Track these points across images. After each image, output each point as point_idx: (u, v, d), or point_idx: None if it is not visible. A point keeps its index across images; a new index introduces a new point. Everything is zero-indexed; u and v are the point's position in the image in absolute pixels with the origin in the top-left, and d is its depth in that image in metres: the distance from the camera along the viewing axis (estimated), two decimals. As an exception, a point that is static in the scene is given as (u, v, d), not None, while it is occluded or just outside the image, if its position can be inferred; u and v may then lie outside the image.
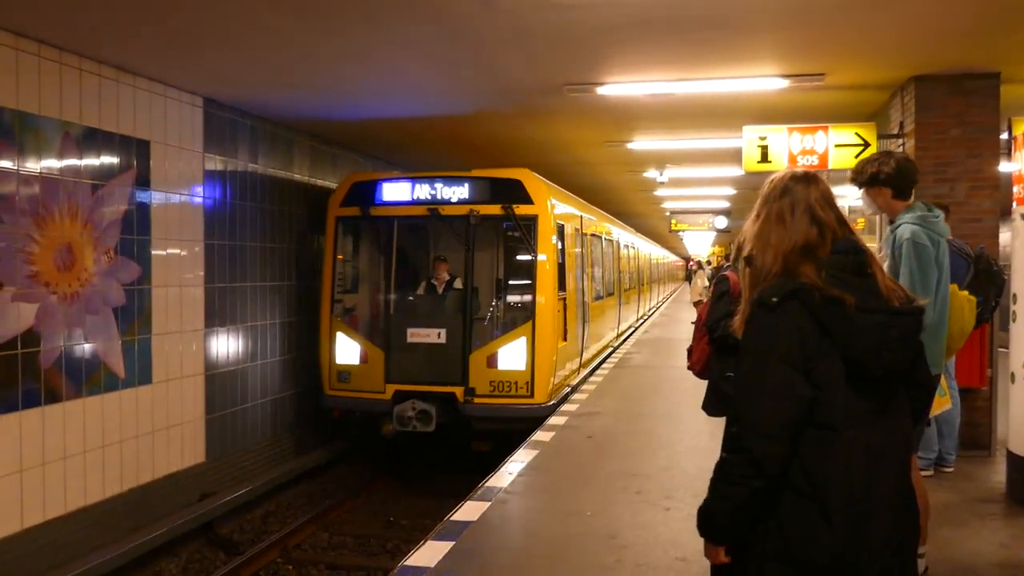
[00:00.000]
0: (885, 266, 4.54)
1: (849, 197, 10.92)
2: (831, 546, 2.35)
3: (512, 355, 10.25)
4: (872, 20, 6.61)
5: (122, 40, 7.08)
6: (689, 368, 5.14)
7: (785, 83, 8.39)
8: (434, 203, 10.56)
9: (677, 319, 25.58)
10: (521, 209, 10.35)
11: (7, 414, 6.61)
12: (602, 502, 6.31)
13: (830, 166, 8.86)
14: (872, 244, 9.69)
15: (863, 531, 2.37)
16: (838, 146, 8.71)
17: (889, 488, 2.43)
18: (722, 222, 22.47)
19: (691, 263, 23.57)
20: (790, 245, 2.49)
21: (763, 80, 8.39)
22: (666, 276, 46.20)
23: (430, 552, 5.25)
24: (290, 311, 11.34)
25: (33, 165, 6.88)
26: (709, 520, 2.51)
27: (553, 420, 9.39)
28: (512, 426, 9.88)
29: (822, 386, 2.38)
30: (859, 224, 10.64)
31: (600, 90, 8.71)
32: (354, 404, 10.79)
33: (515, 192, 10.36)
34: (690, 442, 8.37)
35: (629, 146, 12.58)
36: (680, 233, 28.86)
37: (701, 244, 39.78)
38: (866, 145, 8.62)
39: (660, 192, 19.47)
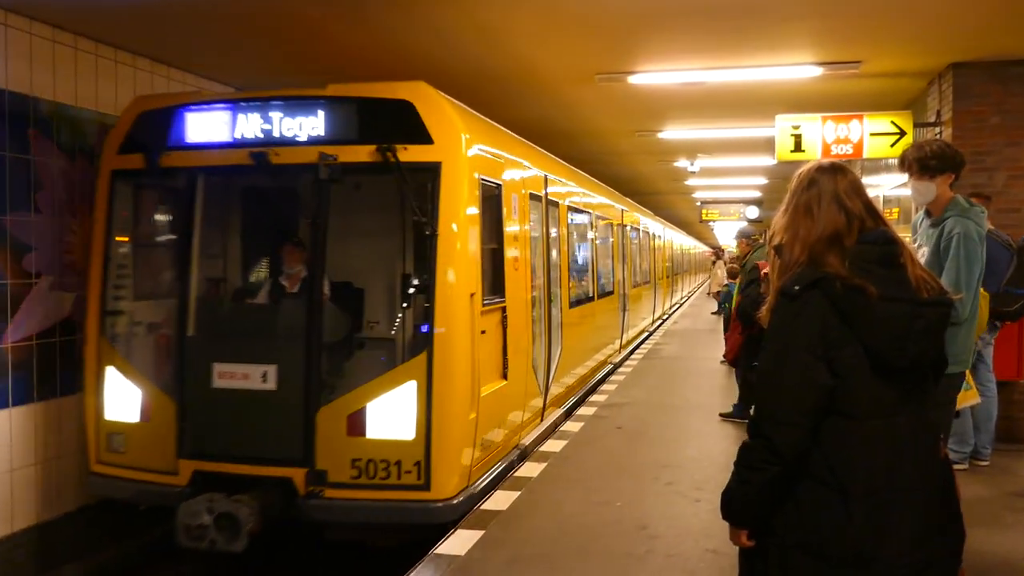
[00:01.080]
0: (923, 256, 4.48)
1: (885, 187, 10.79)
2: (852, 535, 2.35)
3: (392, 413, 5.84)
4: (910, 6, 6.50)
5: None
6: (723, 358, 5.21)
7: (820, 71, 8.28)
8: (266, 144, 6.16)
9: (707, 309, 25.44)
10: (412, 153, 5.95)
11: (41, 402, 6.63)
12: (632, 492, 6.30)
13: (865, 155, 8.74)
14: (905, 234, 9.56)
15: (885, 521, 2.35)
16: (873, 135, 8.59)
17: (915, 479, 2.41)
18: (753, 212, 22.25)
19: (723, 254, 23.11)
20: (816, 235, 2.50)
21: (798, 68, 8.28)
22: (696, 267, 45.79)
23: (459, 541, 5.28)
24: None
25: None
26: (730, 504, 2.56)
27: (582, 411, 9.34)
28: (391, 537, 6.09)
29: (844, 375, 2.38)
30: (893, 214, 10.49)
31: (632, 79, 8.65)
32: (130, 490, 6.40)
33: (404, 123, 6.02)
34: (721, 432, 8.33)
35: (660, 135, 12.50)
36: (711, 223, 28.63)
37: (731, 235, 39.48)
38: (902, 134, 8.49)
39: (691, 182, 19.34)
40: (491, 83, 9.09)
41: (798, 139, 8.74)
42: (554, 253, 9.23)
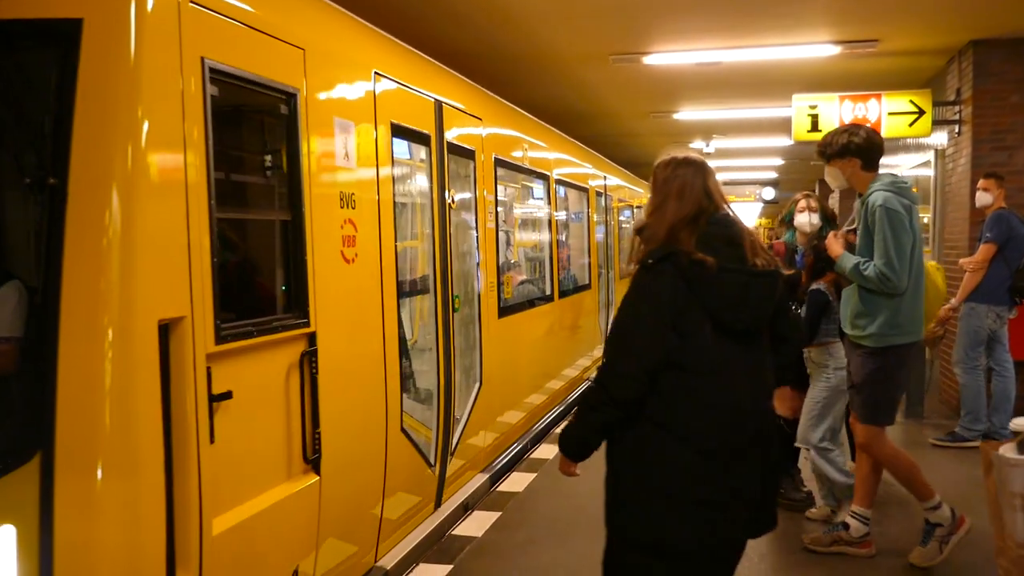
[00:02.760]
0: (858, 234, 4.52)
1: (903, 167, 10.70)
2: (683, 475, 2.70)
3: None
4: (929, -17, 6.41)
5: None
6: None
7: (837, 50, 8.18)
8: None
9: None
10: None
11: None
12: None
13: (883, 135, 8.66)
14: (926, 213, 9.48)
15: (712, 463, 2.71)
16: (892, 114, 8.50)
17: (743, 428, 2.76)
18: (769, 193, 22.07)
19: None
20: (679, 217, 2.83)
21: (814, 47, 8.19)
22: None
23: (477, 522, 5.31)
24: None
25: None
26: (568, 441, 2.92)
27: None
28: None
29: (687, 335, 2.71)
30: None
31: (646, 59, 8.58)
32: None
33: None
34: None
35: (675, 116, 12.41)
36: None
37: (748, 216, 39.34)
38: (921, 113, 8.41)
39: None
40: (505, 63, 9.03)
41: (815, 119, 8.67)
42: (466, 232, 6.03)
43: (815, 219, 5.57)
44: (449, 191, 5.50)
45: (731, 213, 2.91)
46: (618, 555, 2.85)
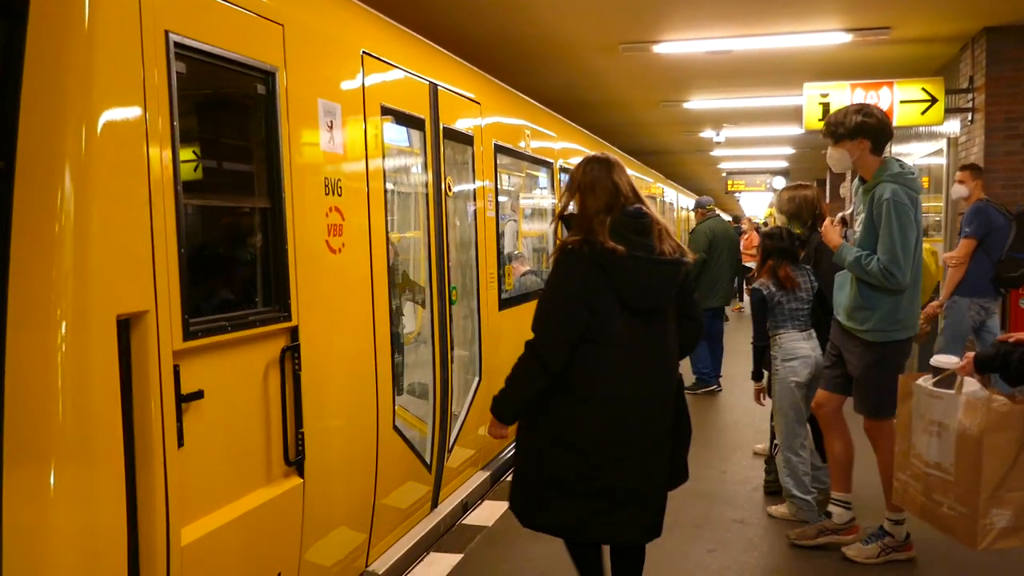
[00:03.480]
0: (859, 222, 4.41)
1: (915, 155, 10.63)
2: (593, 430, 3.18)
3: None
4: (942, -31, 6.36)
5: None
6: None
7: (849, 38, 8.13)
8: None
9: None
10: None
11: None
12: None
13: (895, 123, 8.60)
14: (937, 203, 9.43)
15: (619, 420, 3.19)
16: (904, 102, 8.44)
17: (647, 395, 3.23)
18: (780, 182, 21.99)
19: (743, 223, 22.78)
20: (592, 210, 3.24)
21: (826, 35, 8.14)
22: None
23: (487, 511, 5.33)
24: None
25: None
26: (503, 405, 3.35)
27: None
28: None
29: (598, 312, 3.15)
30: (924, 183, 10.34)
31: (657, 48, 8.54)
32: None
33: None
34: (746, 405, 8.31)
35: (686, 106, 12.36)
36: (736, 194, 28.40)
37: (758, 205, 39.16)
38: (933, 101, 8.35)
39: (716, 152, 19.14)
40: (514, 52, 9.01)
41: (826, 107, 8.62)
42: (464, 221, 5.83)
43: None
44: (446, 179, 5.25)
45: (642, 206, 3.29)
46: (531, 486, 3.31)
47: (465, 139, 5.71)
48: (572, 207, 3.35)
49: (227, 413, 3.13)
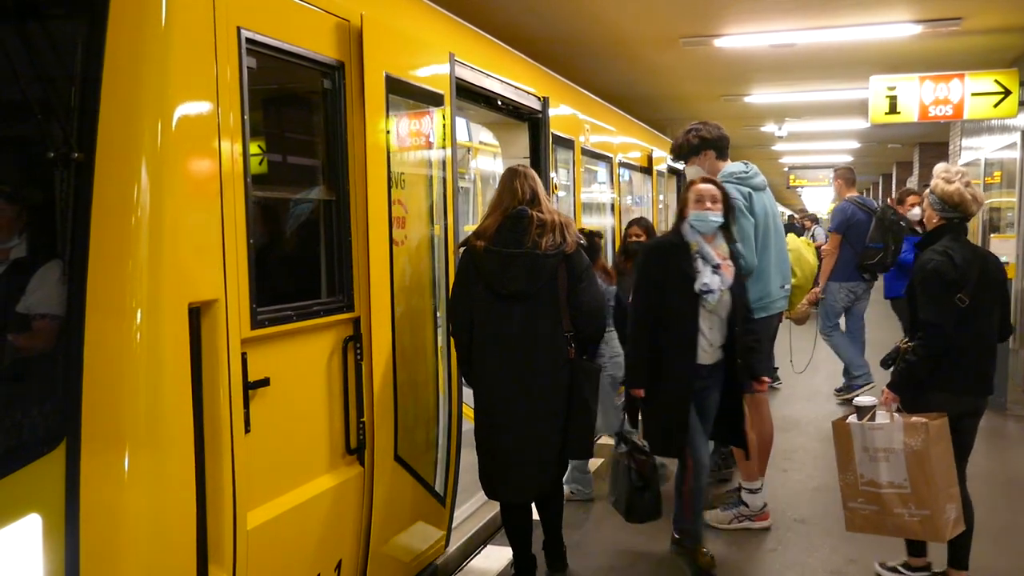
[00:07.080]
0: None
1: (986, 149, 10.33)
2: (480, 397, 3.95)
3: None
4: (1017, -43, 6.16)
5: None
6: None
7: (918, 29, 7.92)
8: None
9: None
10: None
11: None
12: (717, 462, 6.24)
13: (965, 116, 8.40)
14: (1011, 197, 9.14)
15: (491, 388, 3.91)
16: (975, 95, 8.22)
17: (521, 368, 3.86)
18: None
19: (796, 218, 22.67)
20: (488, 210, 4.03)
21: (894, 27, 7.93)
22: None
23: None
24: None
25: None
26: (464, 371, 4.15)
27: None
28: None
29: (476, 299, 3.87)
30: (995, 177, 10.05)
31: (717, 42, 8.45)
32: None
33: None
34: (808, 403, 8.18)
35: (746, 99, 12.20)
36: (798, 189, 27.92)
37: (821, 200, 38.47)
38: (1007, 93, 8.11)
39: (778, 147, 18.85)
40: (574, 48, 8.99)
41: (893, 101, 8.45)
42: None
43: None
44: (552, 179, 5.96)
45: (526, 208, 3.88)
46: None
47: (567, 144, 6.57)
48: None
49: (291, 401, 3.19)
